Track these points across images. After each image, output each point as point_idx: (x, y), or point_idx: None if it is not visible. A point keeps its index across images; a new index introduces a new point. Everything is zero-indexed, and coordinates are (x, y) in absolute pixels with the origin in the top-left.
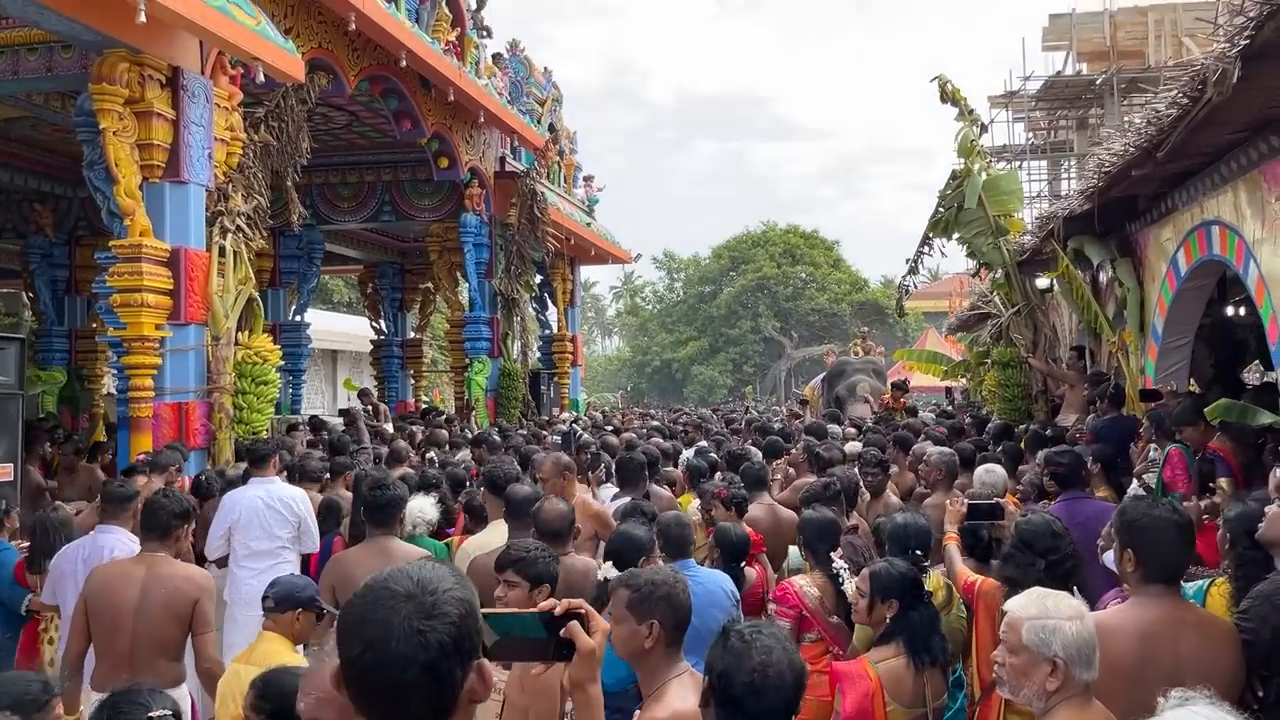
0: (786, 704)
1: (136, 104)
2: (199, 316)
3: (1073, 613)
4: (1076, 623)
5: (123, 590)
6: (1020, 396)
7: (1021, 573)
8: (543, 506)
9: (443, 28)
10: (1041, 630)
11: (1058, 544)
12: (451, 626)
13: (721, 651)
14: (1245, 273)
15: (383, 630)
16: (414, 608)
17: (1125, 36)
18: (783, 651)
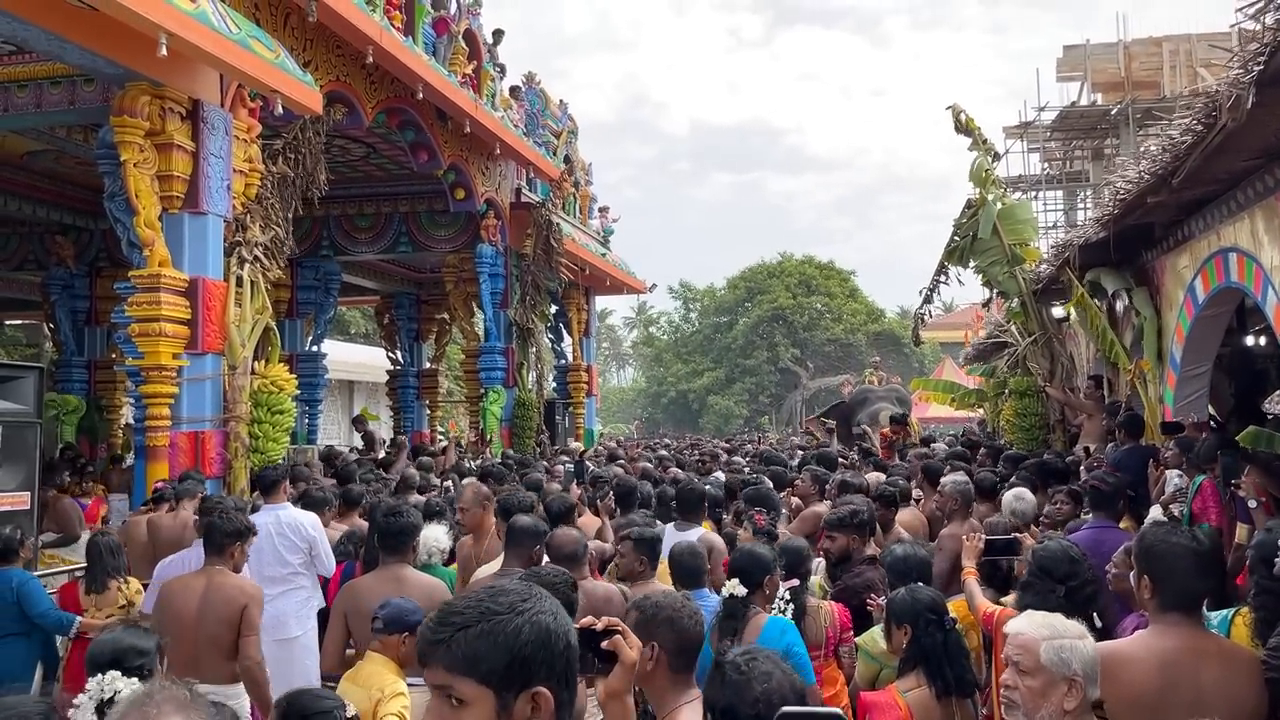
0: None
1: (157, 136)
2: (216, 346)
3: (1080, 632)
4: (1087, 640)
5: (186, 600)
6: (1038, 426)
7: (1041, 600)
8: (555, 533)
9: (459, 61)
10: (1061, 650)
11: (1076, 570)
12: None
13: (720, 686)
14: (1264, 300)
15: None
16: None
17: (1140, 67)
18: (782, 675)
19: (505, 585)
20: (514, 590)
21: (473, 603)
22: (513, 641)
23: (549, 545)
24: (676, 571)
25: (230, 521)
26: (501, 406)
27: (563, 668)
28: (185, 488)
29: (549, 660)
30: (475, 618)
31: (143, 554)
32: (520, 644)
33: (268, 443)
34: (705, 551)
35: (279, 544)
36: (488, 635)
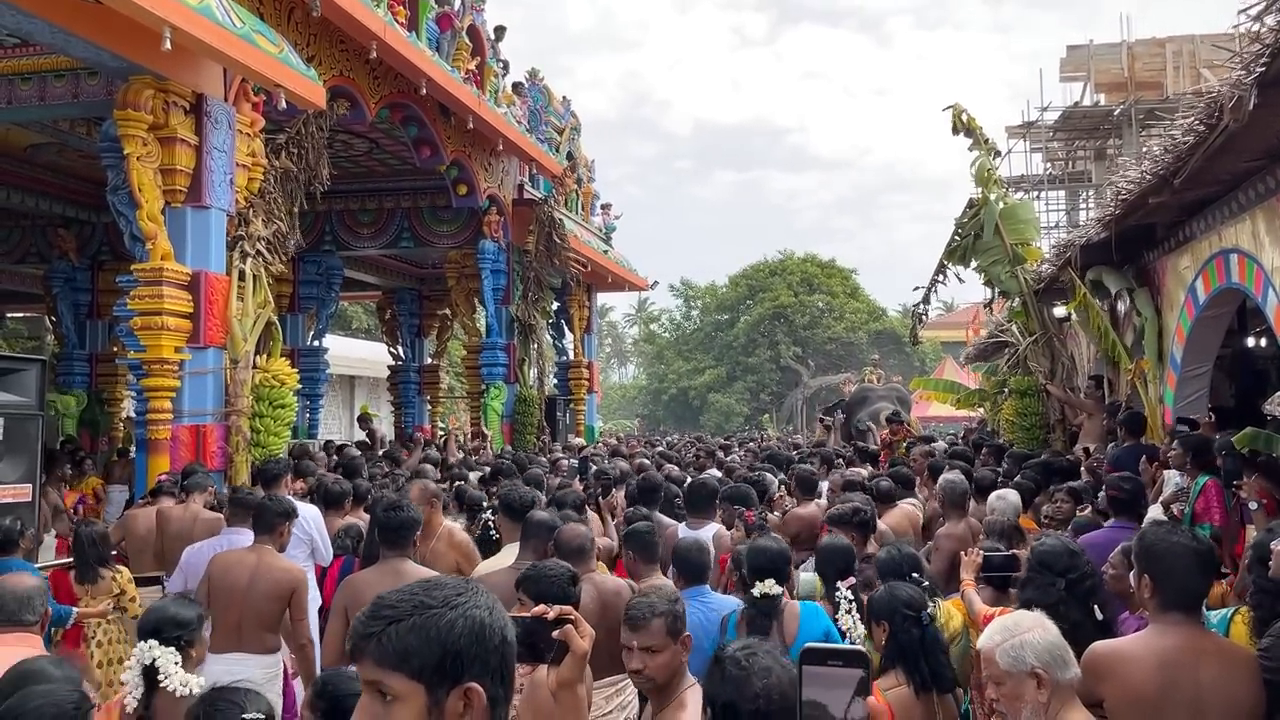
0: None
1: (160, 130)
2: (218, 340)
3: (1033, 623)
4: (1039, 630)
5: (238, 574)
6: (1038, 425)
7: (1041, 594)
8: (562, 529)
9: (463, 56)
10: (1011, 649)
11: (1075, 563)
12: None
13: (721, 682)
14: (1264, 301)
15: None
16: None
17: (1143, 68)
18: (782, 670)
19: (442, 579)
20: (449, 584)
21: (406, 596)
22: (445, 636)
23: (555, 540)
24: (681, 567)
25: (280, 503)
26: (503, 402)
27: (497, 663)
28: (194, 481)
29: (483, 655)
30: (408, 611)
31: (143, 546)
32: (453, 638)
33: (269, 437)
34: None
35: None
36: (419, 629)
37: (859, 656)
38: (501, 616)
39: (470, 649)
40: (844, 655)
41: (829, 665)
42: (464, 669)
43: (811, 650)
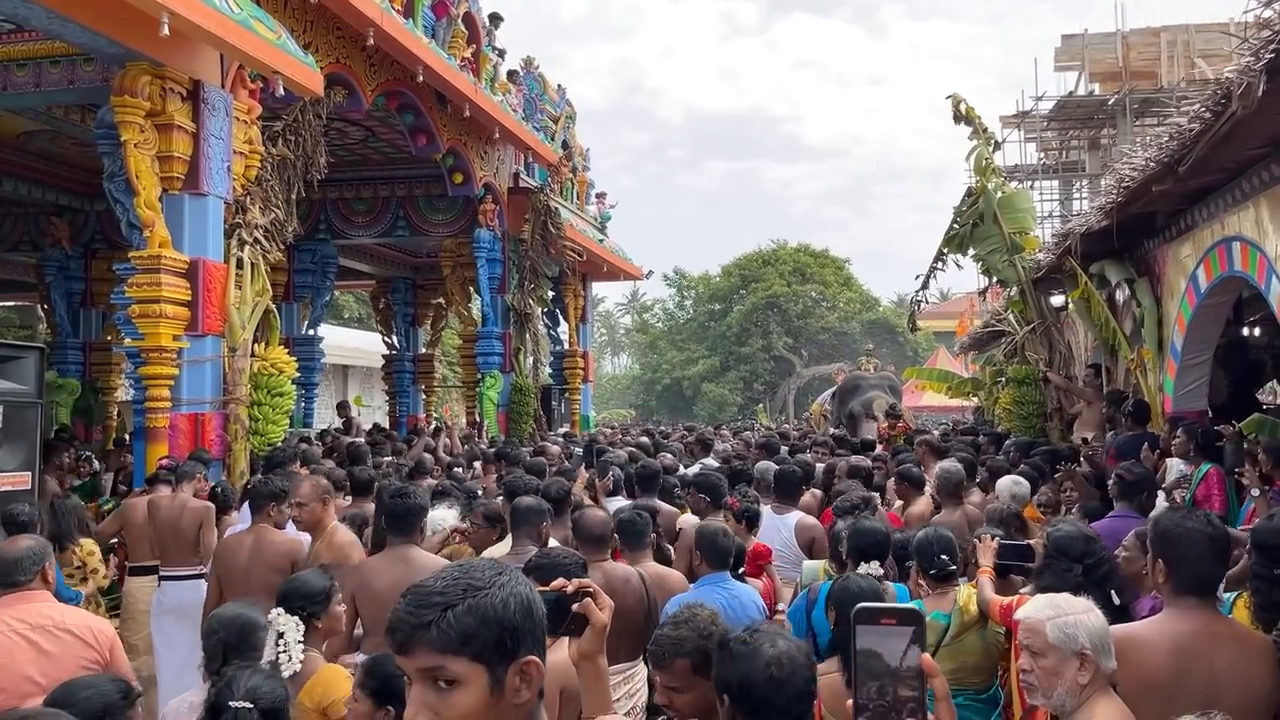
0: (809, 685)
1: (157, 116)
2: (216, 328)
3: (1085, 606)
4: (1092, 615)
5: (238, 555)
6: (1036, 414)
7: (1059, 580)
8: (584, 514)
9: (459, 44)
10: (1066, 626)
11: (1092, 548)
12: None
13: (730, 663)
14: (1268, 289)
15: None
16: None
17: (1137, 57)
18: (786, 641)
19: (469, 563)
20: (483, 566)
21: (451, 581)
22: (501, 614)
23: (577, 524)
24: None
25: (267, 484)
26: (498, 392)
27: (541, 635)
28: (184, 470)
29: (532, 629)
30: (458, 595)
31: (141, 534)
32: (508, 616)
33: (267, 425)
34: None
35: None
36: (476, 611)
37: (913, 614)
38: (535, 590)
39: (524, 624)
40: (897, 614)
41: (882, 624)
42: (519, 644)
43: (865, 610)
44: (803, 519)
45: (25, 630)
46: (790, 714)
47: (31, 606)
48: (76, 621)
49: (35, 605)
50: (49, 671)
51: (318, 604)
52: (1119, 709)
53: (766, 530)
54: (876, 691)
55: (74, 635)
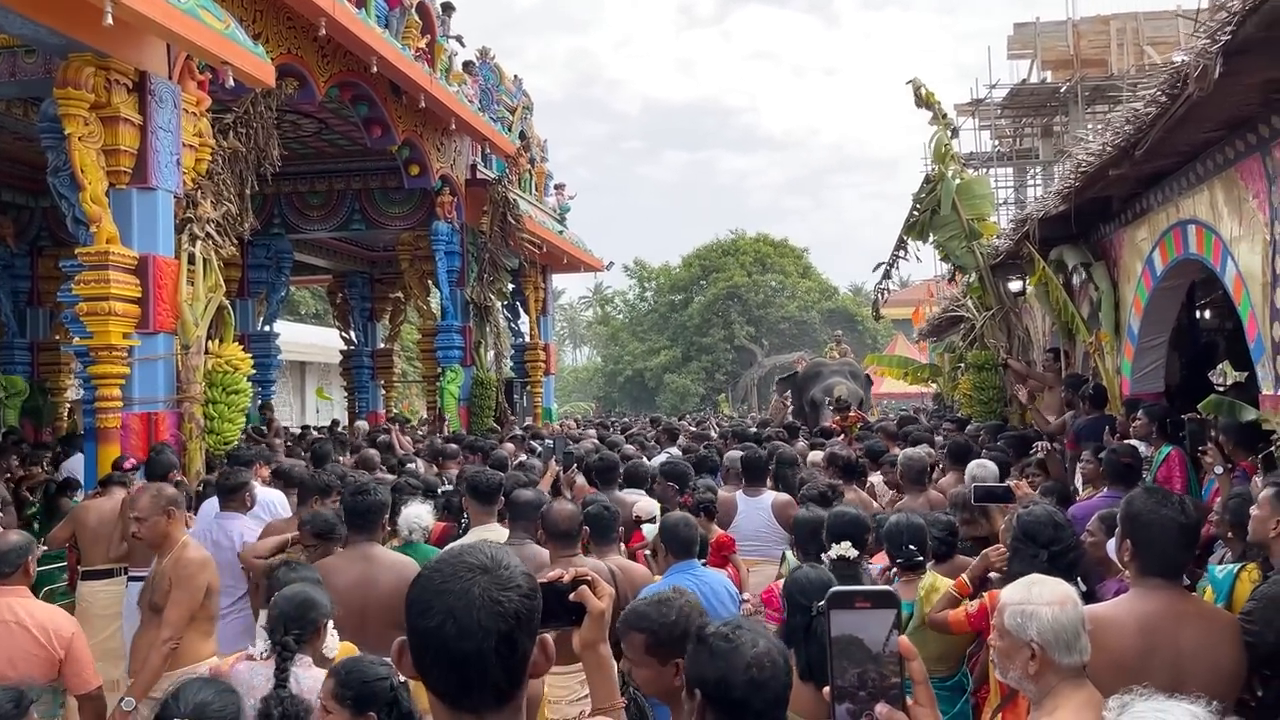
0: (786, 689)
1: (103, 109)
2: (168, 325)
3: (1054, 598)
4: (1055, 608)
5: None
6: (996, 399)
7: (1025, 565)
8: (552, 508)
9: (413, 34)
10: (1020, 615)
11: (1059, 535)
12: (525, 599)
13: (708, 659)
14: (1223, 271)
15: (464, 600)
16: (491, 580)
17: (1088, 45)
18: (767, 642)
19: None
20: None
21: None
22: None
23: (544, 519)
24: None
25: (229, 477)
26: (459, 386)
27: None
28: (115, 476)
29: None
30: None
31: (95, 539)
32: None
33: (223, 423)
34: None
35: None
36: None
37: (889, 596)
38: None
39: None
40: (873, 596)
41: (857, 608)
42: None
43: (839, 594)
44: (777, 497)
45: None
46: (765, 718)
47: (3, 601)
48: (39, 619)
49: (7, 599)
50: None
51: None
52: (1085, 699)
53: (744, 515)
54: (857, 678)
55: (28, 631)
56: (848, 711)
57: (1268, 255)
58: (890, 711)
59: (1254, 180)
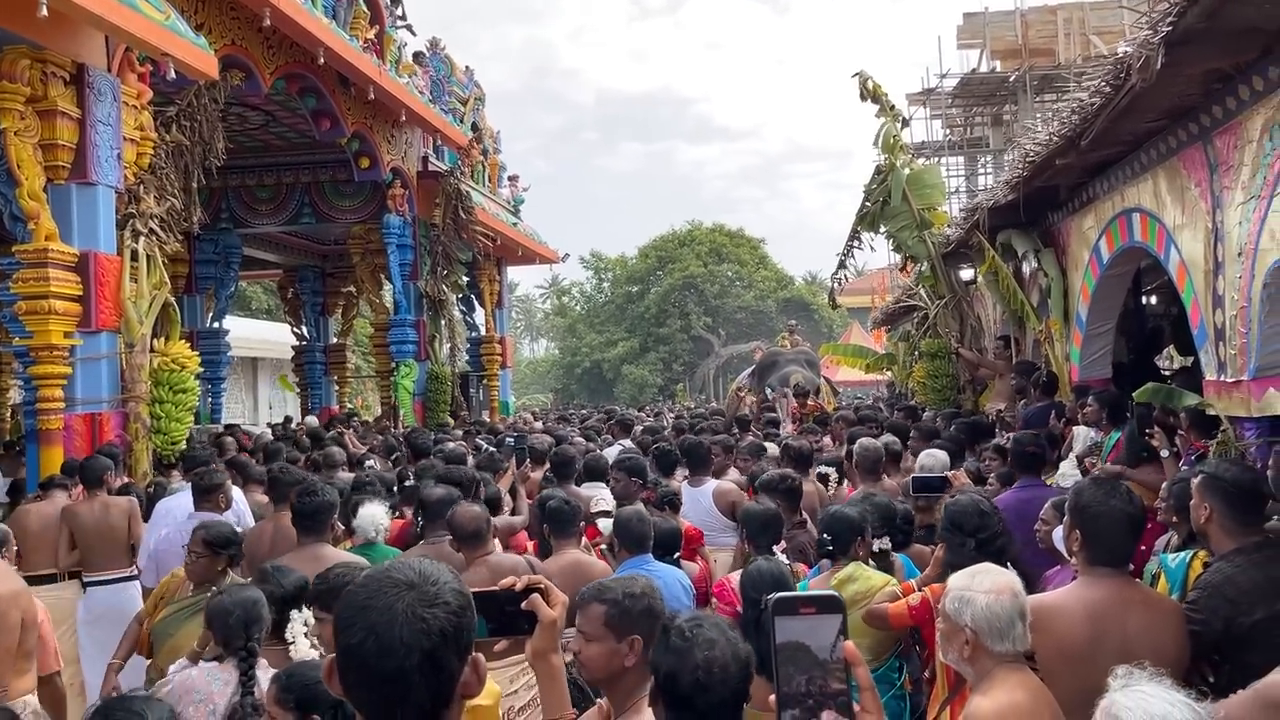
0: (735, 694)
1: (39, 102)
2: (111, 323)
3: (992, 588)
4: (991, 596)
5: (262, 544)
6: (949, 387)
7: (955, 554)
8: (456, 510)
9: (361, 25)
10: (958, 601)
11: (985, 522)
12: (452, 615)
13: (664, 651)
14: (1166, 258)
15: (386, 616)
16: (416, 596)
17: (1036, 35)
18: (726, 643)
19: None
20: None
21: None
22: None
23: (450, 523)
24: (623, 537)
25: (204, 477)
26: (414, 380)
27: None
28: (56, 480)
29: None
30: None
31: (37, 543)
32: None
33: (170, 423)
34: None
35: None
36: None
37: (834, 601)
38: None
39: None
40: (817, 601)
41: (802, 614)
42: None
43: (783, 600)
44: (719, 485)
45: None
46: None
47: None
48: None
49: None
50: None
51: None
52: (1019, 681)
53: (687, 504)
54: (804, 685)
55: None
56: (793, 718)
57: (1209, 243)
58: (837, 719)
59: (1196, 169)
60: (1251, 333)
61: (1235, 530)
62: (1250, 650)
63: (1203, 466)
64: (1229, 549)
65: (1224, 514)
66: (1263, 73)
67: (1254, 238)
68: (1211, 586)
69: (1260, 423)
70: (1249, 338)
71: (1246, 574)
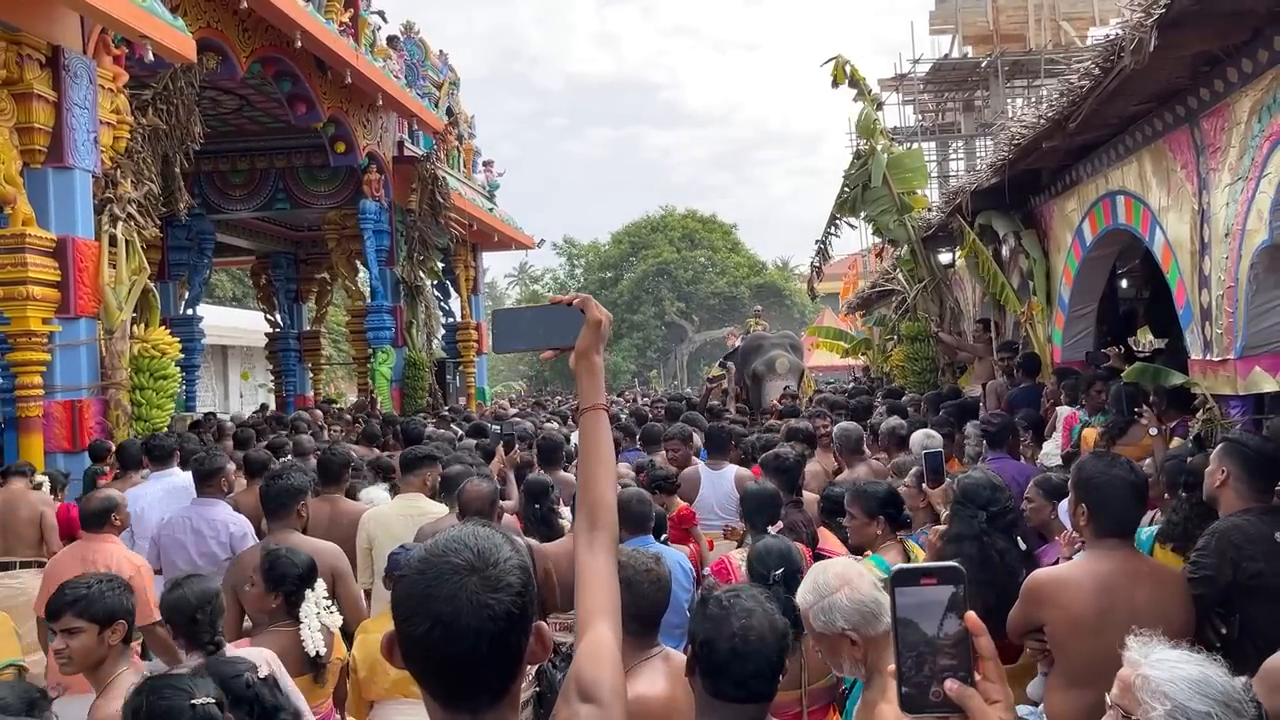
0: (770, 665)
1: (14, 85)
2: (90, 309)
3: (841, 582)
4: (847, 590)
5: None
6: (929, 369)
7: (965, 525)
8: (465, 486)
9: (335, 8)
10: (822, 614)
11: (997, 496)
12: (517, 597)
13: (702, 619)
14: (1151, 240)
15: (451, 606)
16: (479, 581)
17: (1007, 21)
18: (763, 614)
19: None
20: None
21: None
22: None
23: (459, 498)
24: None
25: (205, 461)
26: (391, 367)
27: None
28: (15, 467)
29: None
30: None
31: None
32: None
33: (151, 410)
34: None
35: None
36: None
37: (953, 572)
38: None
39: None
40: (937, 572)
41: (922, 584)
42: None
43: (903, 571)
44: (740, 471)
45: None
46: (746, 689)
47: (89, 546)
48: (107, 562)
49: (92, 545)
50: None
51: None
52: None
53: (706, 486)
54: (914, 662)
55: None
56: (915, 685)
57: (1195, 224)
58: (960, 688)
59: (1182, 151)
60: (1238, 312)
61: (1248, 495)
62: (1255, 601)
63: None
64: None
65: (1240, 478)
66: (1252, 55)
67: (1241, 219)
68: (1218, 533)
69: (1245, 401)
70: (1235, 317)
71: (1253, 526)
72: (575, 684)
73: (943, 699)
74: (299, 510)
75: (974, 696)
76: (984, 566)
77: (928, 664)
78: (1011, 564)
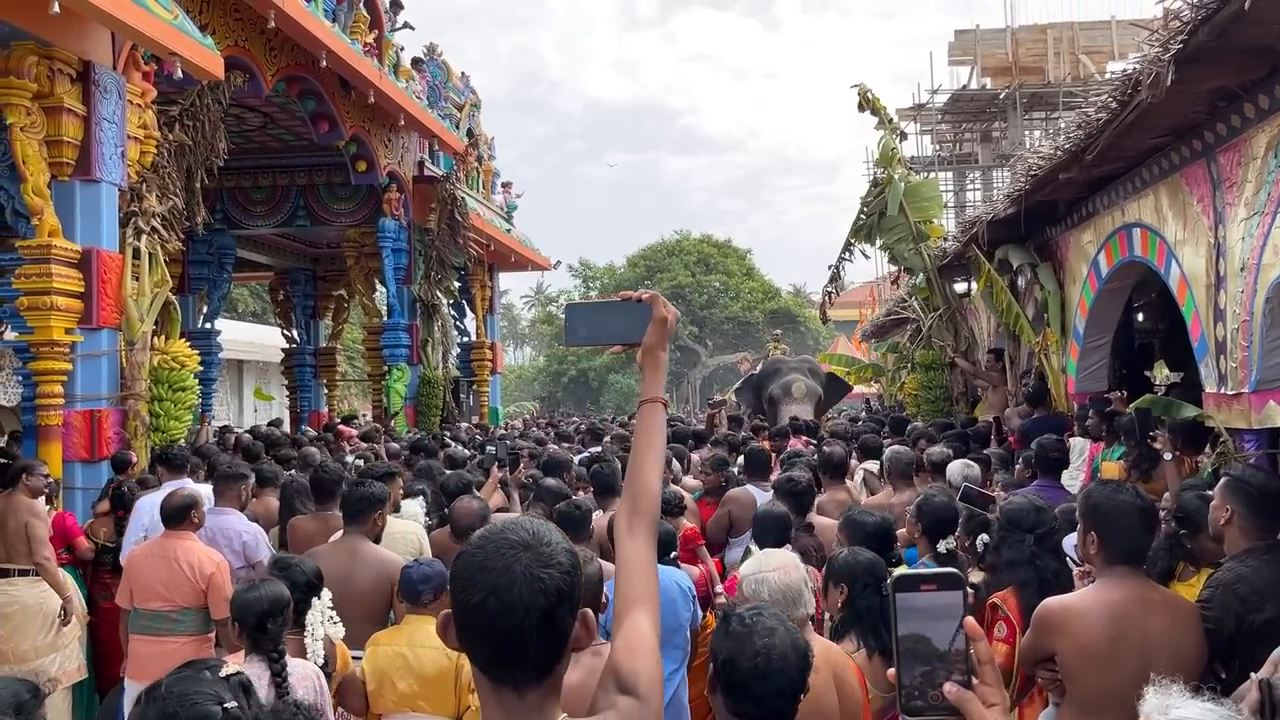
0: (793, 684)
1: (45, 99)
2: (112, 320)
3: (779, 565)
4: (780, 573)
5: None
6: (943, 398)
7: (1014, 550)
8: (457, 505)
9: (360, 29)
10: (754, 582)
11: (1042, 519)
12: (566, 575)
13: (724, 637)
14: (1167, 273)
15: (505, 578)
16: (533, 557)
17: (1026, 53)
18: (785, 633)
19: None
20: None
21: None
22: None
23: (451, 515)
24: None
25: (231, 469)
26: (406, 384)
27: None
28: (15, 467)
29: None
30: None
31: None
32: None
33: (169, 421)
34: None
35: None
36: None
37: (954, 578)
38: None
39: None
40: (938, 579)
41: (922, 590)
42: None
43: (904, 578)
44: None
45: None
46: (768, 707)
47: (171, 543)
48: (189, 559)
49: (174, 542)
50: None
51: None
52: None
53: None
54: (913, 666)
55: (182, 568)
56: (914, 682)
57: (1211, 258)
58: (959, 690)
59: (1199, 185)
60: (1253, 346)
61: (1253, 534)
62: (1262, 647)
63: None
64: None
65: (1244, 517)
66: (1269, 91)
67: (1257, 253)
68: (1223, 584)
69: (1260, 435)
70: (1250, 351)
71: (1258, 573)
72: (613, 675)
73: (941, 701)
74: (375, 519)
75: (972, 700)
76: (1042, 589)
77: (926, 668)
78: (1065, 584)
